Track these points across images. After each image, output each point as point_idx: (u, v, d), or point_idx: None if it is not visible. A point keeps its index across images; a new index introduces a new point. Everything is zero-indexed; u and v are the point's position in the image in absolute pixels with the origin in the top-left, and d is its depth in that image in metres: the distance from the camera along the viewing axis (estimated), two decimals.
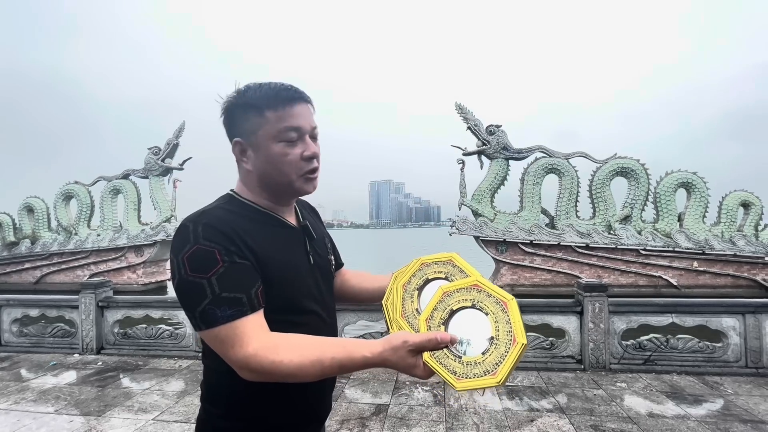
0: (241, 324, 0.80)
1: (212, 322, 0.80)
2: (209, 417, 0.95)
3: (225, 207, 0.95)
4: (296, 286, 0.95)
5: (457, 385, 0.72)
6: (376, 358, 0.78)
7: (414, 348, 0.77)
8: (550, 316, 4.58)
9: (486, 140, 14.06)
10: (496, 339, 0.75)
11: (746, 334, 4.24)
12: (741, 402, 3.54)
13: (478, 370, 0.72)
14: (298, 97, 0.94)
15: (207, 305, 0.80)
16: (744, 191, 13.15)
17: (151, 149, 16.53)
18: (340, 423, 3.24)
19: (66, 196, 17.21)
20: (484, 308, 0.78)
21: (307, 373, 0.79)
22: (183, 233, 0.85)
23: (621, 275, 12.95)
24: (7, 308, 5.56)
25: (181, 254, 0.82)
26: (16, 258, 16.82)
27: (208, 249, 0.82)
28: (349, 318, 4.78)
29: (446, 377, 0.73)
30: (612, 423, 3.19)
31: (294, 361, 0.78)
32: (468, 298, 0.80)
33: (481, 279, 0.82)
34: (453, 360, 0.74)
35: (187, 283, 0.81)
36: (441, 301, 0.82)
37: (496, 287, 0.80)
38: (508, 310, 0.77)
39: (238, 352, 0.79)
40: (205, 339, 0.84)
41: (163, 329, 5.19)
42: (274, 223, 0.99)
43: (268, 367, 0.78)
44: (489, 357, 0.73)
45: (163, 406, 3.60)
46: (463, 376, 0.73)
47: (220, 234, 0.84)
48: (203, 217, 0.87)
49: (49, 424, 3.29)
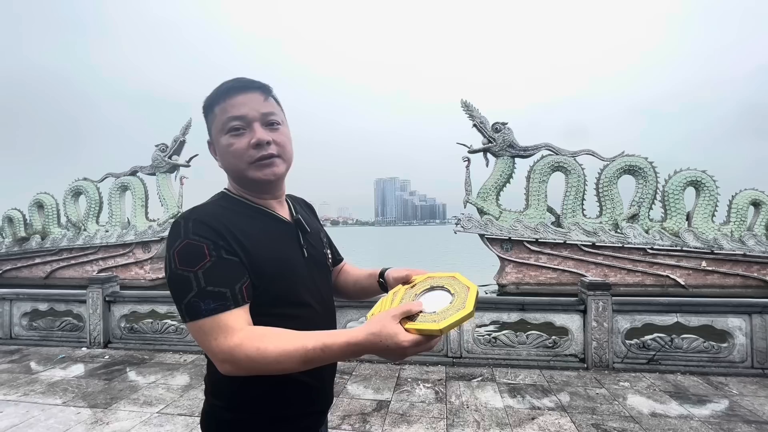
0: (224, 317, 0.81)
1: (196, 314, 0.82)
2: (214, 410, 0.97)
3: (218, 203, 0.98)
4: (289, 278, 0.97)
5: (437, 326, 0.81)
6: (360, 334, 0.79)
7: (396, 314, 0.81)
8: (553, 314, 4.56)
9: (492, 138, 13.99)
10: (456, 293, 0.90)
11: (752, 334, 4.19)
12: (746, 403, 3.51)
13: (451, 311, 0.85)
14: (241, 86, 0.94)
15: (192, 298, 0.82)
16: (755, 190, 12.95)
17: (158, 146, 16.68)
18: (341, 418, 3.26)
19: (75, 192, 17.46)
20: (439, 284, 0.95)
21: (290, 358, 0.79)
22: (175, 229, 0.87)
23: (627, 274, 12.83)
24: (17, 302, 5.66)
25: (173, 249, 0.85)
26: (26, 253, 17.10)
27: (197, 244, 0.84)
28: (352, 314, 4.80)
29: (427, 327, 0.81)
30: (614, 422, 3.18)
31: (279, 346, 0.79)
32: (426, 284, 0.97)
33: (437, 275, 1.00)
34: (429, 316, 0.85)
35: (175, 276, 0.84)
36: (405, 294, 0.98)
37: (457, 275, 0.98)
38: (457, 278, 0.95)
39: (222, 344, 0.80)
40: (190, 331, 0.85)
41: (169, 324, 5.26)
42: (265, 218, 1.01)
43: (254, 355, 0.78)
44: (455, 302, 0.87)
45: (168, 400, 3.65)
46: (441, 320, 0.83)
47: (210, 229, 0.86)
48: (194, 213, 0.90)
49: (57, 415, 3.36)
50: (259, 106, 0.94)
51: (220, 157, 0.99)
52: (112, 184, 17.13)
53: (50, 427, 3.15)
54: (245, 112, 0.93)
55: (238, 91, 0.94)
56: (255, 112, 0.94)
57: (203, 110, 0.99)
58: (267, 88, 0.97)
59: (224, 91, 0.94)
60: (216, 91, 0.95)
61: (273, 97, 0.99)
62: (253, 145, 0.93)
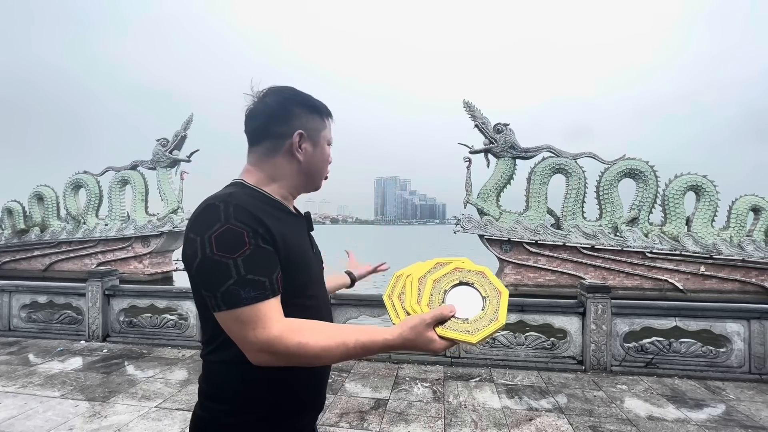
0: (263, 306, 0.81)
1: (236, 302, 0.80)
2: (214, 416, 0.92)
3: (246, 192, 0.95)
4: (307, 271, 1.00)
5: (473, 339, 0.84)
6: (397, 339, 0.84)
7: (431, 321, 0.84)
8: (552, 316, 4.57)
9: (493, 138, 13.99)
10: (487, 297, 0.91)
11: (751, 339, 4.20)
12: (743, 408, 3.52)
13: (484, 321, 0.87)
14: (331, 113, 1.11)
15: (231, 285, 0.79)
16: (754, 196, 12.97)
17: (159, 141, 16.68)
18: (339, 416, 3.27)
19: (75, 185, 17.45)
20: (469, 280, 0.94)
21: (331, 354, 0.82)
22: (212, 212, 0.84)
23: (626, 278, 12.86)
24: (16, 294, 5.66)
25: (209, 233, 0.82)
26: (25, 245, 17.10)
27: (237, 230, 0.82)
28: (351, 313, 4.81)
29: (462, 338, 0.85)
30: (611, 424, 3.19)
31: (320, 342, 0.81)
32: (454, 278, 0.95)
33: (463, 266, 0.97)
34: (462, 323, 0.87)
35: (211, 262, 0.81)
36: (434, 287, 0.94)
37: (472, 264, 0.97)
38: (486, 276, 0.95)
39: (261, 334, 0.79)
40: (223, 320, 0.83)
41: (168, 319, 5.26)
42: (284, 211, 1.02)
43: (294, 349, 0.80)
44: (488, 310, 0.89)
45: (167, 394, 3.65)
46: (475, 331, 0.86)
47: (251, 216, 0.85)
48: (232, 198, 0.87)
49: (55, 408, 3.36)
50: None
51: (317, 159, 1.05)
52: (113, 177, 17.12)
53: (48, 420, 3.15)
54: None
55: (331, 116, 1.10)
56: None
57: (319, 110, 1.06)
58: None
59: (329, 113, 1.09)
60: (323, 105, 1.07)
61: None
62: (329, 163, 1.10)
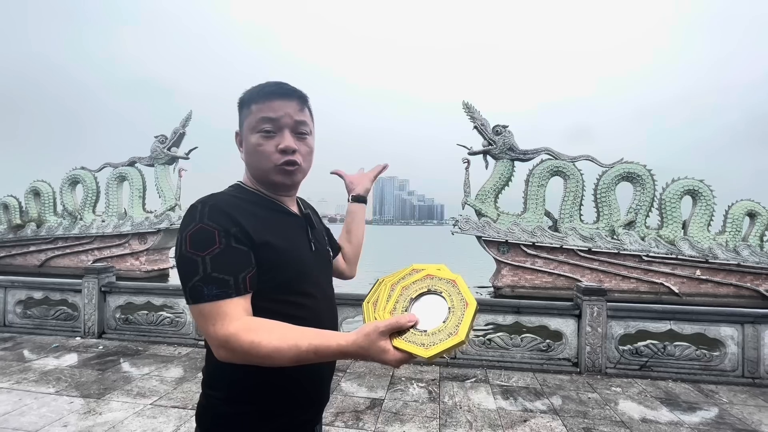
0: (224, 304, 0.83)
1: (198, 298, 0.84)
2: (210, 403, 0.97)
3: (233, 193, 1.01)
4: (296, 268, 0.99)
5: (426, 353, 0.78)
6: (351, 345, 0.80)
7: (385, 329, 0.79)
8: (547, 318, 4.59)
9: (492, 140, 14.01)
10: (452, 308, 0.83)
11: (744, 343, 4.23)
12: (735, 411, 3.55)
13: (442, 335, 0.80)
14: (282, 92, 0.99)
15: (197, 281, 0.84)
16: (750, 201, 13.05)
17: (157, 137, 16.60)
18: (334, 415, 3.27)
19: (72, 181, 17.35)
20: (438, 289, 0.88)
21: (283, 355, 0.80)
22: (192, 212, 0.90)
23: (622, 281, 12.90)
24: (11, 290, 5.64)
25: (186, 231, 0.87)
26: (21, 240, 16.99)
27: (209, 229, 0.87)
28: (348, 312, 4.82)
29: (415, 351, 0.79)
30: (605, 426, 3.21)
31: (272, 343, 0.80)
32: (423, 285, 0.90)
33: (437, 273, 0.92)
34: (420, 335, 0.81)
35: (184, 259, 0.86)
36: (401, 295, 0.91)
37: (448, 272, 0.91)
38: (457, 285, 0.87)
39: (219, 330, 0.82)
40: (192, 313, 0.88)
41: (164, 316, 5.25)
42: (278, 210, 1.05)
43: (246, 347, 0.80)
44: (449, 323, 0.81)
45: (162, 392, 3.65)
46: (430, 345, 0.79)
47: (225, 216, 0.89)
48: (211, 199, 0.93)
49: (50, 404, 3.35)
50: (294, 114, 0.99)
51: (246, 153, 1.02)
52: (110, 174, 17.02)
53: (43, 416, 3.14)
54: (278, 116, 0.97)
55: (278, 96, 0.98)
56: (289, 119, 0.98)
57: (239, 102, 1.02)
58: (305, 99, 1.02)
59: (266, 93, 0.98)
60: (257, 89, 0.99)
61: (308, 108, 1.03)
62: (280, 150, 0.98)
